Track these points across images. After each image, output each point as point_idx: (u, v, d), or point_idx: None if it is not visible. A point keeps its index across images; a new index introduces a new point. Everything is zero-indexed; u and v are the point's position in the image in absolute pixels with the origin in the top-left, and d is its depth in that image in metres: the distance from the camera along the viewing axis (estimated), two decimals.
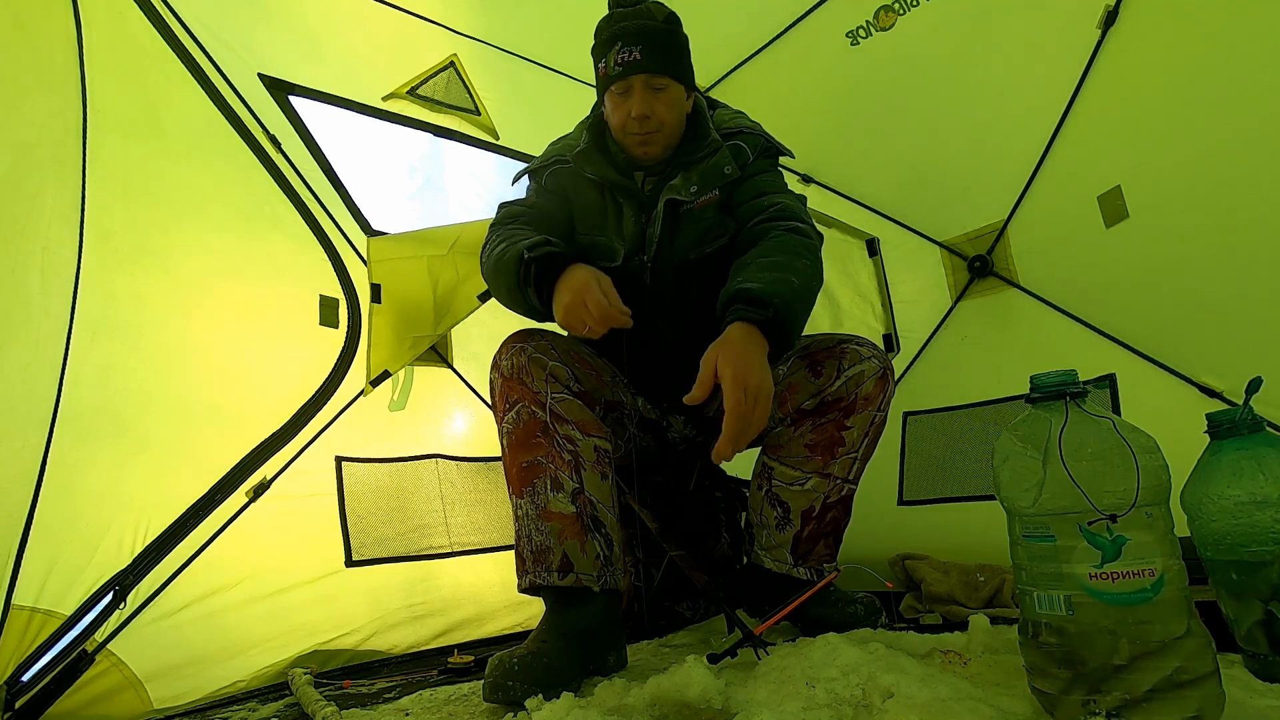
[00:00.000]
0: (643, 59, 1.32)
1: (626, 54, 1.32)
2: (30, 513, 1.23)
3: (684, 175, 1.39)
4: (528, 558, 1.20)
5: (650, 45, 1.33)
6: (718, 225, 1.41)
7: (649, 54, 1.33)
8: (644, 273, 1.41)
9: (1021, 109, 1.83)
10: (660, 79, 1.34)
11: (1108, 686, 0.69)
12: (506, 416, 1.25)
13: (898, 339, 2.16)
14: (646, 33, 1.33)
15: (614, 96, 1.37)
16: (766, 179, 1.43)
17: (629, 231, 1.41)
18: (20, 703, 1.16)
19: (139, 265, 1.45)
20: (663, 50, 1.35)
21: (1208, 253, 1.52)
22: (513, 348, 1.28)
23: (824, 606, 1.34)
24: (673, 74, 1.36)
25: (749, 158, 1.42)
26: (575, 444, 1.23)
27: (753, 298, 1.12)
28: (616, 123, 1.39)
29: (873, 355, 1.34)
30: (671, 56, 1.36)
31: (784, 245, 1.27)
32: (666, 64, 1.35)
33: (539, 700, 0.99)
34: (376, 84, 1.98)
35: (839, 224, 2.25)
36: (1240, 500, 0.85)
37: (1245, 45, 1.44)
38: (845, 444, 1.33)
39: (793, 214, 1.34)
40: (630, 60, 1.32)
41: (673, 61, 1.37)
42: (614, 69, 1.34)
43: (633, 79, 1.33)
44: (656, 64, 1.33)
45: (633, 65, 1.32)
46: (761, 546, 1.38)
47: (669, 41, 1.37)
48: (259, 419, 1.60)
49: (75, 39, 1.41)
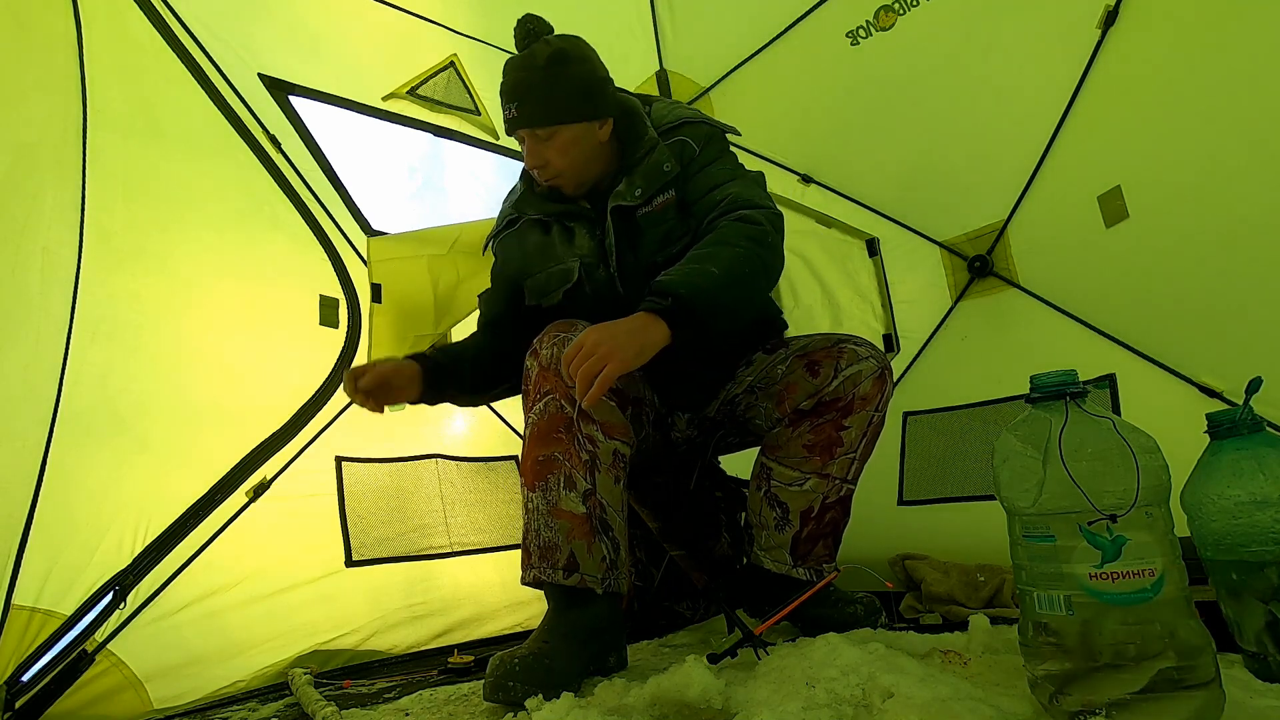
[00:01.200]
0: (519, 116, 1.32)
1: (507, 111, 1.33)
2: (30, 512, 1.23)
3: (627, 180, 1.37)
4: (534, 552, 1.20)
5: (525, 99, 1.32)
6: (679, 226, 1.38)
7: (525, 109, 1.32)
8: (613, 283, 1.39)
9: (1021, 109, 1.83)
10: (543, 130, 1.32)
11: (1107, 686, 0.69)
12: (535, 407, 1.24)
13: (898, 339, 2.16)
14: (522, 87, 1.32)
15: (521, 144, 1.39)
16: (716, 169, 1.39)
17: (585, 248, 1.40)
18: (20, 703, 1.16)
19: (139, 265, 1.45)
20: (541, 100, 1.32)
21: (1208, 253, 1.52)
22: (555, 337, 1.24)
23: (824, 606, 1.34)
24: (555, 120, 1.32)
25: (695, 151, 1.39)
26: (595, 445, 1.22)
27: (657, 290, 1.15)
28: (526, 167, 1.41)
29: (870, 355, 1.34)
30: (553, 104, 1.32)
31: (720, 236, 1.27)
32: (546, 114, 1.32)
33: (539, 700, 0.99)
34: (376, 84, 1.98)
35: (839, 224, 2.25)
36: (1240, 500, 0.84)
37: (1245, 45, 1.44)
38: (843, 444, 1.33)
39: (742, 202, 1.32)
40: (510, 118, 1.33)
41: (554, 108, 1.32)
42: (505, 125, 1.36)
43: (518, 133, 1.34)
44: (534, 118, 1.32)
45: (512, 123, 1.34)
46: (761, 547, 1.38)
47: (549, 88, 1.32)
48: (259, 419, 1.60)
49: (75, 39, 1.41)
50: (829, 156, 2.26)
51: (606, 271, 1.39)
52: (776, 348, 1.44)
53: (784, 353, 1.41)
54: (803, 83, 2.26)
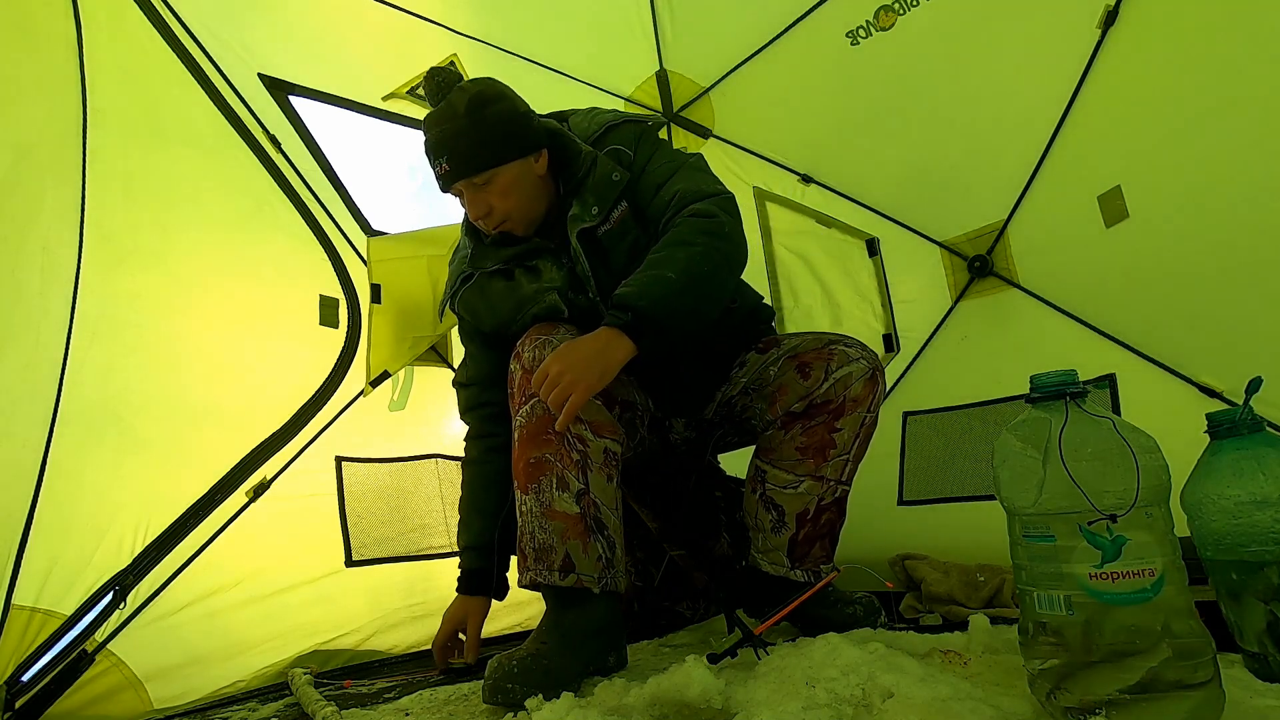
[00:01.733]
0: (451, 169, 1.29)
1: (438, 168, 1.30)
2: (30, 512, 1.23)
3: (578, 201, 1.34)
4: (529, 554, 1.20)
5: (454, 152, 1.28)
6: (644, 235, 1.35)
7: (455, 161, 1.28)
8: (596, 309, 1.33)
9: (1021, 109, 1.83)
10: (480, 176, 1.29)
11: (1103, 682, 0.69)
12: (521, 410, 1.24)
13: (898, 339, 2.16)
14: (447, 139, 1.28)
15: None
16: (655, 168, 1.36)
17: (556, 280, 1.35)
18: (20, 703, 1.16)
19: (139, 265, 1.45)
20: (469, 150, 1.28)
21: (1208, 253, 1.52)
22: (536, 340, 1.25)
23: (824, 607, 1.34)
24: (489, 165, 1.29)
25: (630, 156, 1.36)
26: (586, 444, 1.22)
27: (617, 303, 1.18)
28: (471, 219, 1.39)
29: (861, 356, 1.33)
30: (484, 149, 1.29)
31: (675, 236, 1.25)
32: (479, 160, 1.28)
33: (539, 700, 0.99)
34: (376, 84, 1.98)
35: (839, 224, 2.26)
36: (1240, 500, 0.84)
37: (1245, 45, 1.44)
38: (836, 446, 1.33)
39: (690, 195, 1.30)
40: (442, 174, 1.30)
41: (486, 153, 1.29)
42: (437, 180, 1.33)
43: (454, 187, 1.31)
44: (466, 168, 1.28)
45: (445, 178, 1.30)
46: (758, 550, 1.38)
47: (475, 136, 1.28)
48: (259, 419, 1.60)
49: (75, 39, 1.41)
50: (829, 156, 2.26)
51: (587, 299, 1.35)
52: (769, 347, 1.43)
53: (775, 353, 1.40)
54: (803, 83, 2.26)
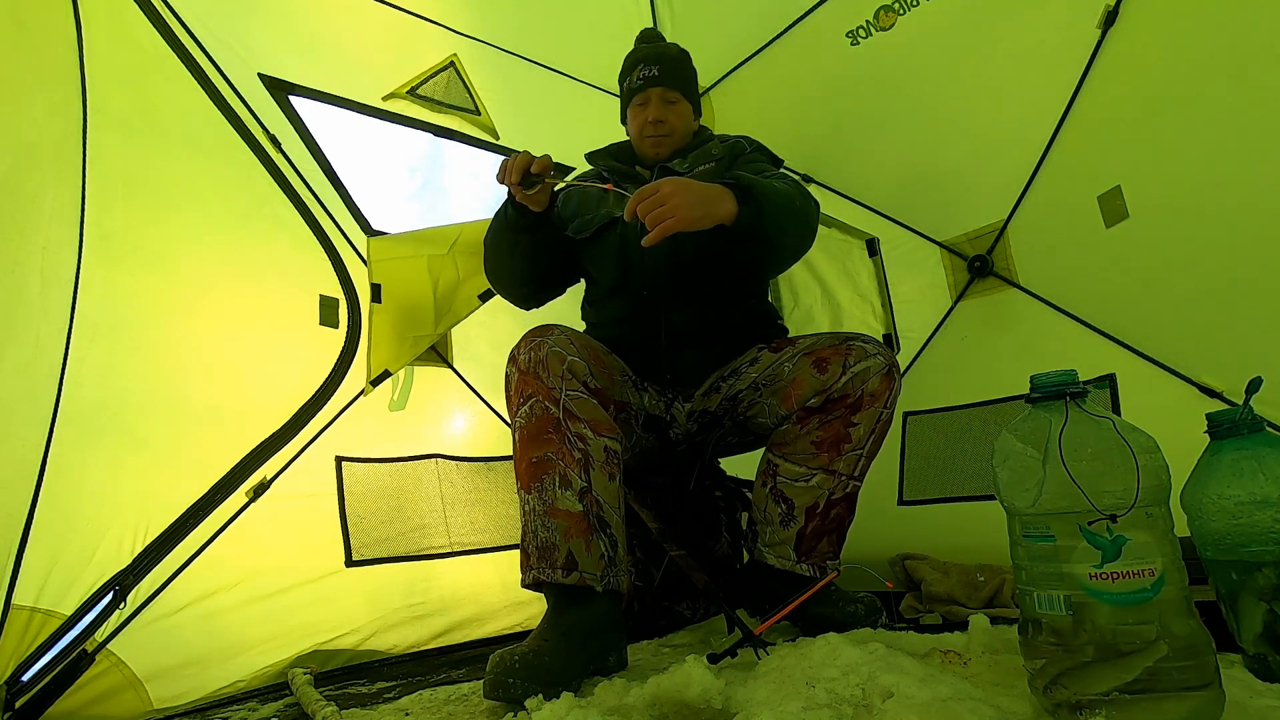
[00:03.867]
0: (659, 75, 1.62)
1: (646, 71, 1.62)
2: (30, 512, 1.23)
3: (679, 160, 1.62)
4: (532, 553, 1.20)
5: (666, 66, 1.63)
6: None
7: (665, 72, 1.62)
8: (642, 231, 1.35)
9: (1021, 109, 1.83)
10: (672, 93, 1.63)
11: (1105, 684, 0.69)
12: (520, 411, 1.25)
13: (898, 339, 2.16)
14: (666, 58, 1.64)
15: (635, 108, 1.65)
16: (758, 161, 1.60)
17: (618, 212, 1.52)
18: (20, 703, 1.16)
19: (139, 265, 1.45)
20: (677, 71, 1.65)
21: (1208, 253, 1.52)
22: (531, 341, 1.28)
23: (824, 606, 1.34)
24: (683, 91, 1.65)
25: (746, 149, 1.62)
26: (586, 442, 1.23)
27: (731, 181, 1.31)
28: (635, 129, 1.66)
29: (878, 352, 1.35)
30: (684, 78, 1.66)
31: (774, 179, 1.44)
32: (679, 82, 1.64)
33: (539, 700, 0.99)
34: (376, 84, 1.98)
35: (839, 224, 2.25)
36: (1240, 500, 0.85)
37: (1245, 45, 1.44)
38: (851, 440, 1.33)
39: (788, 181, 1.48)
40: (649, 76, 1.62)
41: (687, 84, 1.67)
42: (636, 83, 1.64)
43: (650, 91, 1.61)
44: (670, 80, 1.63)
45: (651, 79, 1.62)
46: (765, 543, 1.38)
47: (682, 66, 1.67)
48: (259, 419, 1.60)
49: (75, 39, 1.41)
50: (829, 156, 2.26)
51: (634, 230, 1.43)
52: (782, 346, 1.45)
53: (790, 350, 1.42)
54: (803, 83, 2.26)
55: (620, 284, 1.57)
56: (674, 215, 1.19)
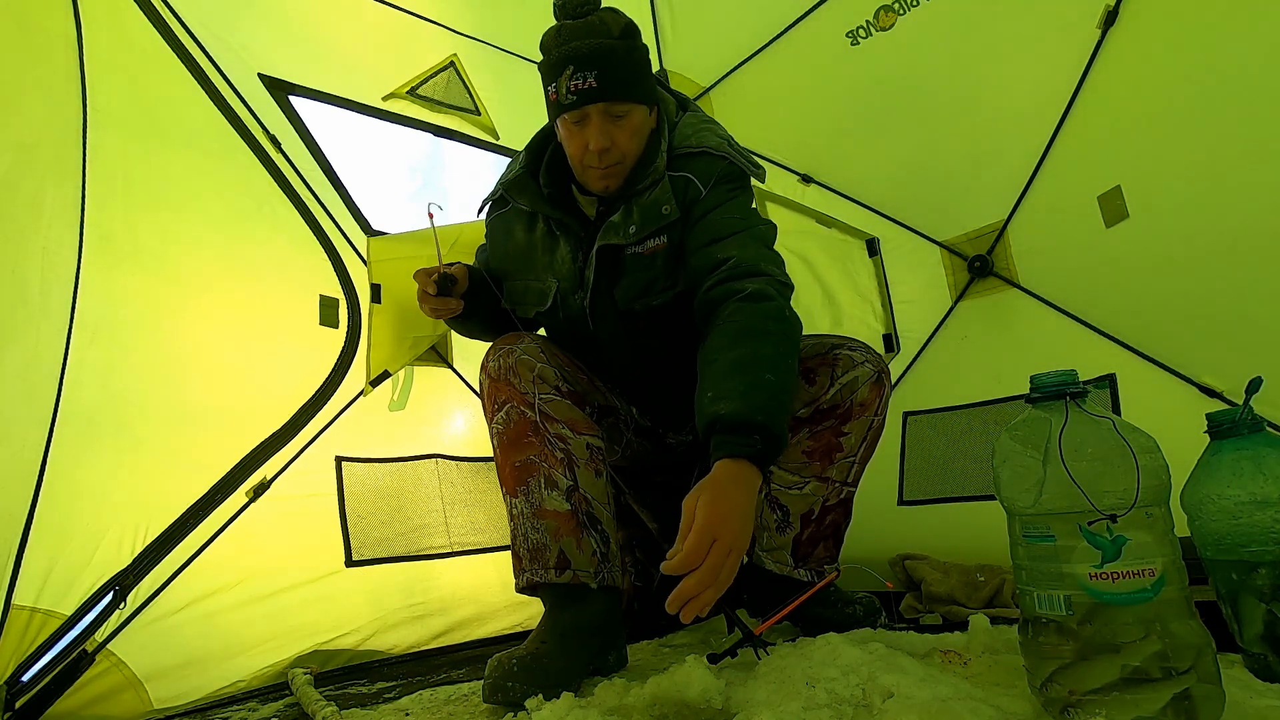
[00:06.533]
0: (599, 86, 1.16)
1: (580, 80, 1.16)
2: (30, 512, 1.22)
3: (624, 211, 1.26)
4: (524, 556, 1.20)
5: (606, 69, 1.16)
6: (665, 277, 1.28)
7: (605, 79, 1.16)
8: (585, 319, 1.34)
9: (1021, 109, 1.83)
10: (620, 105, 1.19)
11: (1107, 686, 0.69)
12: (496, 417, 1.25)
13: (898, 339, 2.16)
14: (601, 54, 1.16)
15: (568, 125, 1.22)
16: (720, 216, 1.24)
17: (563, 269, 1.33)
18: (20, 703, 1.16)
19: (139, 265, 1.45)
20: (623, 74, 1.18)
21: (1208, 252, 1.52)
22: (500, 349, 1.27)
23: (824, 606, 1.35)
24: (634, 98, 1.20)
25: (700, 192, 1.24)
26: (567, 442, 1.23)
27: (735, 424, 1.00)
28: (573, 153, 1.26)
29: (866, 360, 1.32)
30: (632, 78, 1.20)
31: (746, 328, 1.11)
32: (627, 88, 1.19)
33: (539, 700, 0.99)
34: (376, 84, 1.98)
35: (839, 224, 2.25)
36: (1240, 500, 0.85)
37: (1245, 45, 1.44)
38: (843, 449, 1.33)
39: (749, 269, 1.17)
40: (585, 88, 1.16)
41: (633, 84, 1.20)
42: (567, 97, 1.18)
43: (589, 108, 1.18)
44: (615, 90, 1.17)
45: (588, 94, 1.16)
46: (762, 548, 1.38)
47: (627, 61, 1.19)
48: (259, 419, 1.60)
49: (75, 39, 1.41)
50: (829, 156, 2.26)
51: (580, 303, 1.35)
52: None
53: None
54: (803, 83, 2.25)
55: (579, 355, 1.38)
56: (736, 551, 0.92)
